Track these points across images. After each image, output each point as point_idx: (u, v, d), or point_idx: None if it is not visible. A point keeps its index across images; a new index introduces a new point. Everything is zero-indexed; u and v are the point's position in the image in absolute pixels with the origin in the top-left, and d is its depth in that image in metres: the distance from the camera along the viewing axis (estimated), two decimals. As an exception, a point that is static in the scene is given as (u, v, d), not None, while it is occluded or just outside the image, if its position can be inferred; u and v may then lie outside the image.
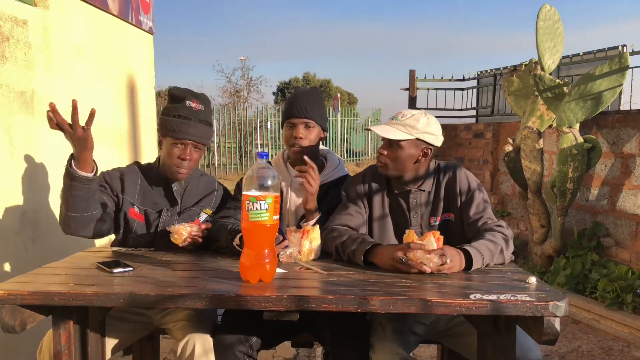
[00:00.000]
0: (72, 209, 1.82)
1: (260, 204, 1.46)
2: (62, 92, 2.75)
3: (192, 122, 1.94)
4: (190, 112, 1.95)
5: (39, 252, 2.53)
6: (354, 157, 16.83)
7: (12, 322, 1.44)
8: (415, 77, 7.42)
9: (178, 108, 1.95)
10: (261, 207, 1.47)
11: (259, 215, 1.47)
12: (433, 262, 1.57)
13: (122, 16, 3.49)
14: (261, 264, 1.49)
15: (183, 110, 1.94)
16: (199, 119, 1.96)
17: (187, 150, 1.96)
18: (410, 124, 1.82)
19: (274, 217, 1.50)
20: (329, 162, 2.16)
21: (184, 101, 1.96)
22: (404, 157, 1.84)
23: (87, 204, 1.83)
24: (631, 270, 3.66)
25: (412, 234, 1.70)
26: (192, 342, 1.74)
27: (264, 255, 1.50)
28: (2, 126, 2.33)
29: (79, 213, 1.83)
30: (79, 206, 1.82)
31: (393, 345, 1.72)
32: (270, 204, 1.48)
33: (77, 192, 1.79)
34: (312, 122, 2.03)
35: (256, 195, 1.47)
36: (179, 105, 1.96)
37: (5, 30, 2.36)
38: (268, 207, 1.47)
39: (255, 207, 1.47)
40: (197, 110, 1.96)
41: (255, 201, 1.46)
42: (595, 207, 4.37)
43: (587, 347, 3.21)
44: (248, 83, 23.05)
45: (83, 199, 1.82)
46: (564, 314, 1.33)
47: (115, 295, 1.41)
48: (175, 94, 1.99)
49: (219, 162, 14.50)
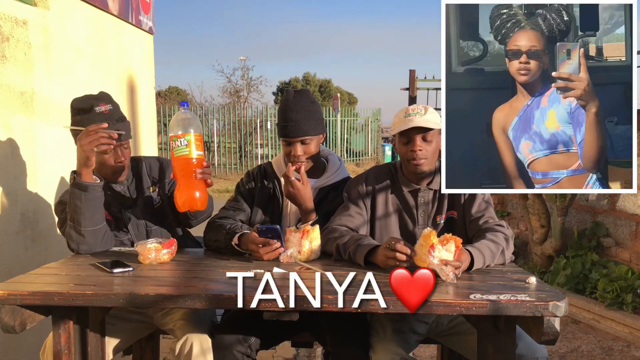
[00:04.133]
0: (88, 222, 1.84)
1: (181, 141, 1.75)
2: (62, 92, 2.75)
3: (111, 125, 1.87)
4: (104, 117, 1.89)
5: (39, 252, 2.53)
6: (354, 157, 16.82)
7: (12, 322, 1.44)
8: (415, 77, 7.42)
9: (90, 118, 1.89)
10: (182, 144, 1.75)
11: (181, 151, 1.75)
12: (449, 278, 1.50)
13: (122, 16, 3.49)
14: (191, 192, 1.78)
15: (95, 117, 1.88)
16: (115, 119, 1.93)
17: (119, 153, 1.96)
18: (431, 117, 1.82)
19: (196, 152, 1.76)
20: (329, 164, 2.13)
21: (93, 109, 1.90)
22: (435, 149, 1.85)
23: (100, 214, 1.88)
24: (631, 270, 3.65)
25: (432, 236, 1.58)
26: (189, 342, 1.74)
27: (194, 186, 1.78)
28: (2, 126, 2.33)
29: (95, 225, 1.86)
30: (95, 218, 1.86)
31: (393, 345, 1.72)
32: (190, 140, 1.75)
33: (91, 202, 1.83)
34: (309, 138, 1.98)
35: (177, 135, 1.75)
36: (90, 115, 1.90)
37: (5, 30, 2.36)
38: (187, 142, 1.75)
39: (177, 145, 1.75)
40: (109, 111, 1.93)
41: (176, 139, 1.75)
42: (595, 207, 4.37)
43: (587, 347, 3.21)
44: (248, 83, 23.02)
45: (97, 208, 1.86)
46: (564, 314, 1.33)
47: (115, 295, 1.41)
48: (80, 105, 1.93)
49: (219, 162, 14.49)
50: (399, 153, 1.91)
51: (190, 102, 21.07)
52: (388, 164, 2.04)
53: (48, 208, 2.63)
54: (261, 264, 1.73)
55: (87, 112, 1.91)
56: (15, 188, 2.41)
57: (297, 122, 1.96)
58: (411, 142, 1.83)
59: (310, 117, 1.98)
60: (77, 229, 1.84)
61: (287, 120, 1.97)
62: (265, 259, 1.75)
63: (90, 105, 1.91)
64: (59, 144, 2.72)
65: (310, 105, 2.01)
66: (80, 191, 1.81)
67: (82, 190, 1.81)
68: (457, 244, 1.58)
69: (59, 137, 2.72)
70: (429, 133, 1.82)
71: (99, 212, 1.87)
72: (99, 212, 1.87)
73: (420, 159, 1.83)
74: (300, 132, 1.96)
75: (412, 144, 1.82)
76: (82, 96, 1.98)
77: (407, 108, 1.85)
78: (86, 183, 1.81)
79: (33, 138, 2.53)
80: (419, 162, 1.83)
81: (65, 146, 2.78)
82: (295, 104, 2.00)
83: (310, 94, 2.07)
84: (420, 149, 1.82)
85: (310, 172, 2.07)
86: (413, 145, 1.82)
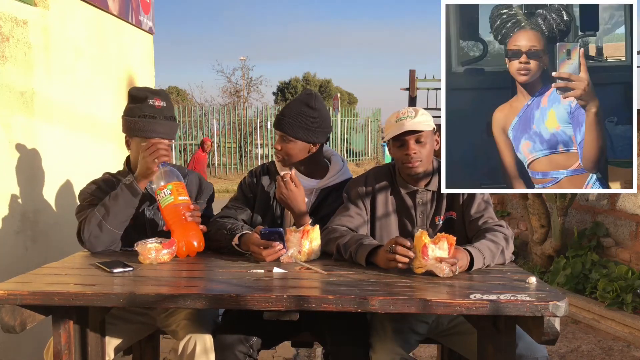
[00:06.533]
0: (115, 223, 1.91)
1: (165, 192, 1.87)
2: (62, 92, 2.75)
3: (158, 119, 1.96)
4: (154, 111, 1.96)
5: (39, 252, 2.53)
6: (354, 157, 16.83)
7: (12, 322, 1.44)
8: (415, 77, 7.43)
9: (141, 108, 1.97)
10: (166, 194, 1.86)
11: (166, 200, 1.86)
12: (444, 272, 1.54)
13: (122, 16, 3.49)
14: (188, 240, 1.84)
15: (147, 109, 1.96)
16: (164, 116, 1.98)
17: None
18: (422, 118, 1.82)
19: (180, 197, 1.88)
20: (332, 165, 2.12)
21: (146, 100, 1.97)
22: (429, 150, 1.85)
23: (126, 222, 1.95)
24: (631, 270, 3.65)
25: (424, 237, 1.61)
26: (192, 342, 1.74)
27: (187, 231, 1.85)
28: (2, 126, 2.33)
29: (117, 229, 1.93)
30: (122, 223, 1.93)
31: (393, 345, 1.72)
32: (172, 189, 1.87)
33: (131, 209, 1.92)
34: (288, 137, 1.98)
35: (160, 187, 1.88)
36: (142, 105, 1.97)
37: (5, 30, 2.36)
38: (170, 191, 1.87)
39: (162, 196, 1.87)
40: (160, 107, 1.99)
41: (160, 192, 1.87)
42: (595, 207, 4.37)
43: (587, 347, 3.21)
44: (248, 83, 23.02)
45: (129, 216, 1.94)
46: (564, 314, 1.33)
47: (115, 295, 1.41)
48: (136, 94, 2.01)
49: (219, 162, 14.50)
50: (394, 157, 1.91)
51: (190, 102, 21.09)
52: (388, 164, 2.04)
53: (48, 208, 2.63)
54: (261, 264, 1.73)
55: (140, 102, 1.98)
56: (15, 188, 2.41)
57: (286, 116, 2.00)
58: (405, 146, 1.83)
59: (301, 119, 1.98)
60: (102, 222, 1.89)
61: (282, 111, 2.03)
62: (267, 261, 1.75)
63: (145, 96, 1.98)
64: (59, 144, 2.72)
65: (307, 110, 2.00)
66: (131, 195, 1.90)
67: (133, 196, 1.90)
68: (449, 241, 1.59)
69: (59, 137, 2.72)
70: (421, 135, 1.82)
71: (128, 220, 1.95)
72: (128, 220, 1.95)
73: (415, 161, 1.83)
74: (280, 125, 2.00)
75: (406, 148, 1.83)
76: (142, 87, 2.07)
77: (397, 112, 1.86)
78: (140, 191, 1.91)
79: (33, 138, 2.53)
80: (414, 165, 1.84)
81: (66, 146, 2.79)
82: (296, 103, 2.02)
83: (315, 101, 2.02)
84: (415, 152, 1.83)
85: (312, 173, 2.07)
86: (407, 149, 1.83)
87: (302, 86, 30.97)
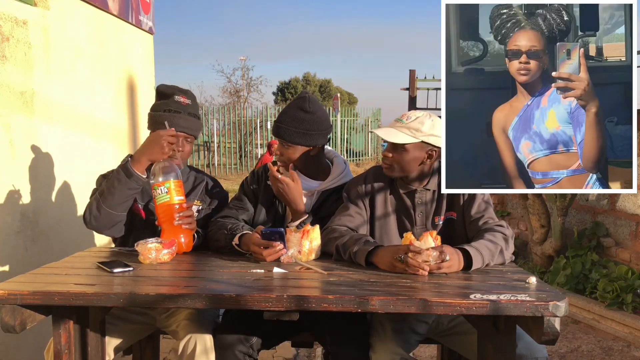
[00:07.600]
0: (112, 204, 1.91)
1: (162, 189, 1.84)
2: (62, 92, 2.75)
3: (182, 114, 2.01)
4: (179, 106, 2.02)
5: (39, 252, 2.53)
6: (354, 157, 16.83)
7: (12, 322, 1.44)
8: (415, 77, 7.42)
9: (167, 103, 2.03)
10: (162, 192, 1.84)
11: (162, 198, 1.84)
12: (432, 256, 1.58)
13: (122, 16, 3.49)
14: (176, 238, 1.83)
15: (172, 104, 2.02)
16: (188, 112, 2.04)
17: (179, 142, 2.00)
18: (414, 126, 1.81)
19: (177, 198, 1.85)
20: (334, 167, 2.10)
21: (173, 96, 2.04)
22: (409, 160, 1.84)
23: (126, 205, 1.95)
24: (631, 270, 3.66)
25: (409, 235, 1.70)
26: (193, 341, 1.74)
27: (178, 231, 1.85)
28: (2, 126, 2.33)
29: (116, 212, 1.92)
30: (120, 206, 1.93)
31: (393, 345, 1.72)
32: (170, 187, 1.84)
33: (127, 191, 1.90)
34: (287, 143, 1.98)
35: (158, 183, 1.85)
36: (168, 101, 2.03)
37: (5, 30, 2.36)
38: (167, 190, 1.84)
39: (158, 193, 1.84)
40: (186, 104, 2.05)
41: (157, 188, 1.84)
42: (595, 207, 4.37)
43: (587, 347, 3.21)
44: (248, 83, 23.02)
45: (127, 199, 1.93)
46: (564, 314, 1.33)
47: (115, 295, 1.41)
48: (164, 90, 2.06)
49: (219, 162, 14.49)
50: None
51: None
52: (388, 164, 2.04)
53: (48, 208, 2.63)
54: (262, 264, 1.73)
55: (167, 98, 2.04)
56: (15, 188, 2.41)
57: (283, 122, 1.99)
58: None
59: (297, 125, 1.96)
60: (99, 204, 1.91)
61: (279, 117, 2.03)
62: (267, 261, 1.75)
63: (172, 92, 2.04)
64: (59, 144, 2.72)
65: (301, 114, 1.98)
66: (124, 175, 1.89)
67: (126, 176, 1.89)
68: (432, 235, 1.67)
69: (59, 137, 2.72)
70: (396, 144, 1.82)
71: (126, 203, 1.94)
72: (126, 203, 1.94)
73: (385, 164, 1.89)
74: (279, 132, 2.00)
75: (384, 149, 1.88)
76: (170, 84, 2.10)
77: (403, 114, 1.88)
78: (133, 172, 1.89)
79: (33, 138, 2.53)
80: (384, 167, 1.90)
81: (66, 146, 2.79)
82: (293, 107, 2.01)
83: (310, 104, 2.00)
84: (386, 156, 1.86)
85: (314, 175, 2.07)
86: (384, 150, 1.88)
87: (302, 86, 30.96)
